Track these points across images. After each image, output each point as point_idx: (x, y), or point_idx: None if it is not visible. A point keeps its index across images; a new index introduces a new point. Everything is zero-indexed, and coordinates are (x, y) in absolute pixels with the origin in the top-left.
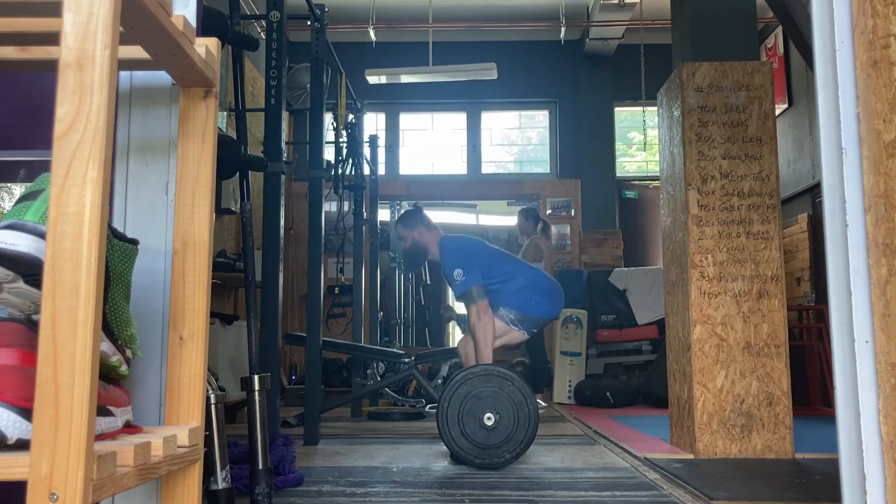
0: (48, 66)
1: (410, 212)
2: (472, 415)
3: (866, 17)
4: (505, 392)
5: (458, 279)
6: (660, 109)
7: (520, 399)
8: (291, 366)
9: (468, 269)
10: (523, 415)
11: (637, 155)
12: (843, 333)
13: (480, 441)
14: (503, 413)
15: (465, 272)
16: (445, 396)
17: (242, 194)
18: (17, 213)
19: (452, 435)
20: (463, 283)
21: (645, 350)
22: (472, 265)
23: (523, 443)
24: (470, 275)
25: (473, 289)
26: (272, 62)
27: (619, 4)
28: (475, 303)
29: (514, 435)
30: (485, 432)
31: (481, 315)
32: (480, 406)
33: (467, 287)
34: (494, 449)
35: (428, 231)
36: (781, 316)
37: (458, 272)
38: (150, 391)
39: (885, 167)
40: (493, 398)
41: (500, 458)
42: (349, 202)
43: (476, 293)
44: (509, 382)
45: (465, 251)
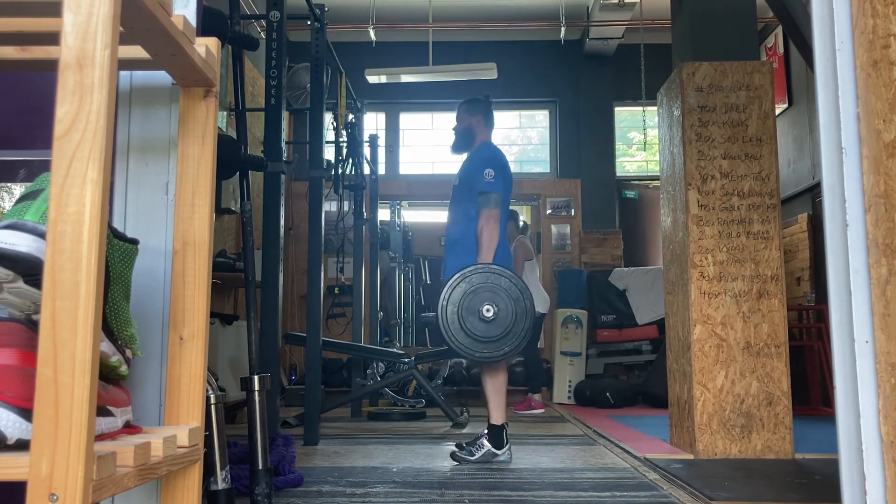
0: (48, 66)
1: (479, 99)
2: (471, 309)
3: (866, 17)
4: (502, 287)
5: (487, 178)
6: (660, 109)
7: (517, 294)
8: (291, 366)
9: (499, 177)
10: (521, 309)
11: (637, 155)
12: (843, 333)
13: (480, 334)
14: (501, 306)
15: (497, 177)
16: (444, 295)
17: (242, 194)
18: (17, 212)
19: (453, 331)
20: (491, 184)
21: (645, 350)
22: (503, 178)
23: (521, 336)
24: (498, 181)
25: (495, 195)
26: (272, 62)
27: (619, 4)
28: (490, 207)
29: (512, 328)
30: (484, 325)
31: (491, 220)
32: (479, 300)
33: (493, 189)
34: (495, 342)
35: (485, 125)
36: (781, 316)
37: (489, 171)
38: (150, 391)
39: (885, 167)
40: (492, 292)
41: (500, 350)
42: (349, 202)
43: (495, 200)
44: (506, 278)
45: (504, 166)
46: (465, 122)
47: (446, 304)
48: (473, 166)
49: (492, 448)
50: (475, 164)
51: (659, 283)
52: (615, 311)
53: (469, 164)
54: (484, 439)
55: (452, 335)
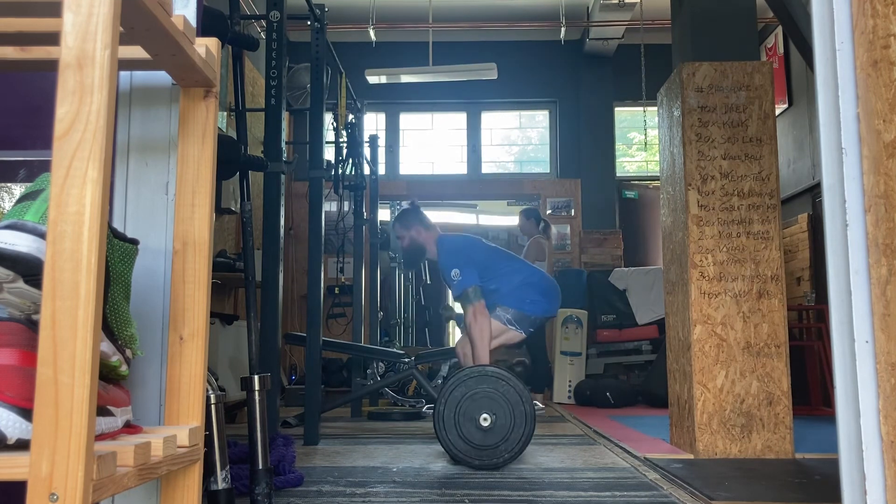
0: (48, 66)
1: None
2: (468, 416)
3: (866, 17)
4: (500, 392)
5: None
6: (660, 109)
7: (515, 398)
8: (291, 366)
9: (465, 268)
10: (519, 413)
11: (637, 155)
12: (843, 333)
13: (478, 442)
14: (499, 413)
15: (462, 272)
16: (441, 399)
17: (242, 194)
18: (17, 213)
19: (450, 438)
20: (459, 284)
21: (645, 350)
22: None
23: (521, 442)
24: (466, 275)
25: (470, 289)
26: (272, 62)
27: (619, 4)
28: (471, 303)
29: (511, 434)
30: (481, 433)
31: (477, 316)
32: (476, 407)
33: (464, 287)
34: (492, 449)
35: (425, 230)
36: (781, 316)
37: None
38: (150, 391)
39: (885, 167)
40: (489, 399)
41: (499, 458)
42: (349, 202)
43: (472, 293)
44: (504, 382)
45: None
46: (407, 238)
47: (443, 409)
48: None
49: None
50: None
51: (659, 283)
52: (615, 311)
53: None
54: None
55: (450, 442)
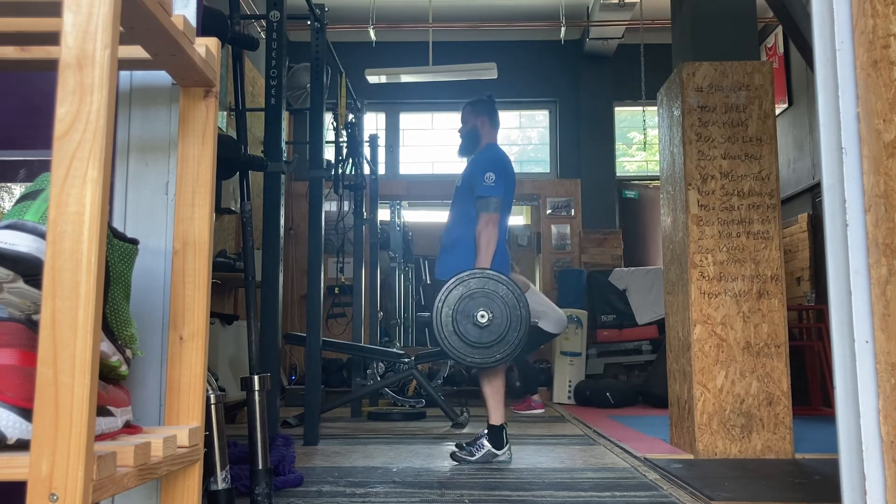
0: (48, 66)
1: (483, 100)
2: (465, 314)
3: (866, 17)
4: (499, 293)
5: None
6: (660, 109)
7: (513, 302)
8: (291, 366)
9: (500, 181)
10: (516, 317)
11: (637, 155)
12: (843, 333)
13: (473, 339)
14: (496, 312)
15: (497, 181)
16: (440, 297)
17: (242, 194)
18: (17, 212)
19: (446, 334)
20: (491, 188)
21: (645, 350)
22: (504, 181)
23: (515, 344)
24: (499, 185)
25: (495, 198)
26: (272, 62)
27: (619, 4)
28: (489, 211)
29: (506, 335)
30: (478, 330)
31: (490, 224)
32: (474, 305)
33: (493, 193)
34: (486, 348)
35: (490, 126)
36: (781, 316)
37: (490, 175)
38: (150, 391)
39: (885, 167)
40: (487, 298)
41: (492, 356)
42: (349, 202)
43: (494, 204)
44: (504, 285)
45: (507, 168)
46: (470, 124)
47: (441, 306)
48: (476, 168)
49: (492, 448)
50: (478, 167)
51: (659, 283)
52: (615, 311)
53: (472, 165)
54: (484, 439)
55: (445, 338)
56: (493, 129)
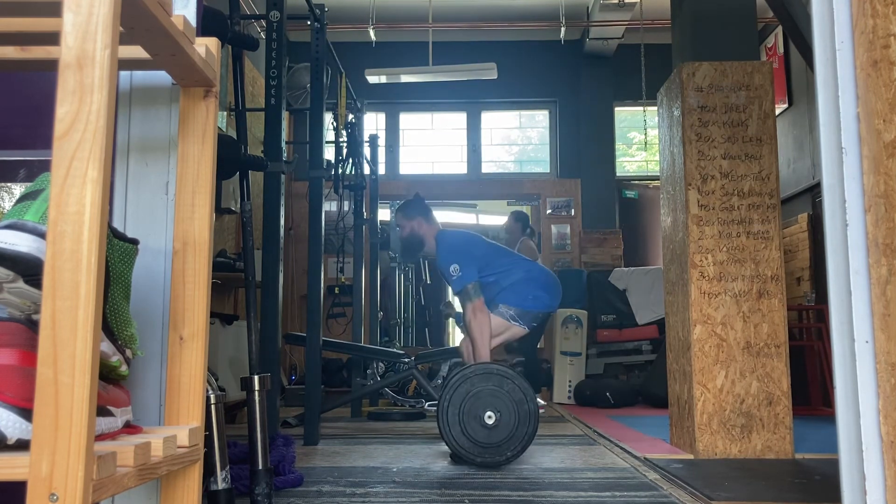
0: (48, 66)
1: (411, 201)
2: (472, 414)
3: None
4: (505, 390)
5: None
6: (660, 109)
7: (520, 396)
8: (291, 366)
9: (464, 265)
10: (524, 412)
11: (637, 155)
12: (843, 333)
13: (482, 440)
14: (504, 411)
15: (462, 268)
16: (445, 396)
17: (242, 194)
18: (17, 212)
19: (453, 434)
20: (459, 280)
21: (645, 350)
22: (468, 261)
23: (525, 440)
24: (466, 271)
25: (469, 286)
26: (272, 62)
27: (619, 4)
28: (471, 300)
29: (515, 432)
30: (486, 431)
31: (477, 313)
32: (480, 405)
33: (463, 284)
34: (496, 448)
35: (427, 223)
36: (781, 316)
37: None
38: (150, 391)
39: (885, 167)
40: (493, 396)
41: (502, 455)
42: (349, 202)
43: (472, 290)
44: (509, 381)
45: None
46: (407, 229)
47: (447, 405)
48: (441, 267)
49: None
50: (441, 266)
51: (659, 283)
52: (615, 311)
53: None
54: None
55: (454, 439)
56: (430, 223)
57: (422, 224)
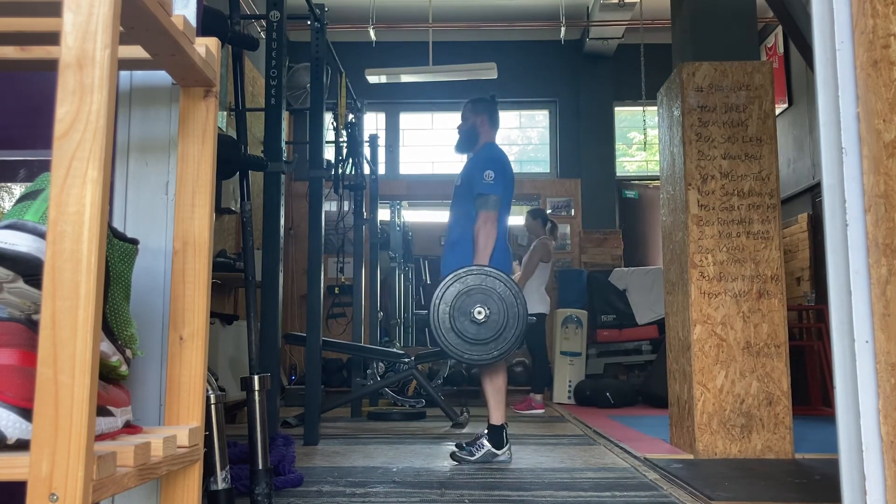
0: (48, 66)
1: (484, 99)
2: (462, 310)
3: (866, 17)
4: (496, 290)
5: (487, 179)
6: (660, 109)
7: (511, 299)
8: (291, 366)
9: (499, 179)
10: (513, 314)
11: (637, 155)
12: (843, 333)
13: (470, 336)
14: (493, 309)
15: (497, 179)
16: (438, 293)
17: (242, 194)
18: (17, 212)
19: (443, 330)
20: (490, 186)
21: (645, 350)
22: (503, 180)
23: (511, 341)
24: (498, 183)
25: (493, 196)
26: (272, 62)
27: (619, 4)
28: (488, 209)
29: (503, 332)
30: (475, 327)
31: (488, 223)
32: (471, 302)
33: (492, 190)
34: (483, 344)
35: (490, 125)
36: (781, 316)
37: (489, 173)
38: (150, 391)
39: (885, 167)
40: (485, 294)
41: (489, 353)
42: (349, 202)
43: (493, 202)
44: (501, 282)
45: (505, 167)
46: (470, 122)
47: (439, 302)
48: (475, 167)
49: (492, 448)
50: (476, 165)
51: (659, 283)
52: (615, 311)
53: (471, 164)
54: (484, 439)
55: (442, 334)
56: (492, 128)
57: (485, 123)
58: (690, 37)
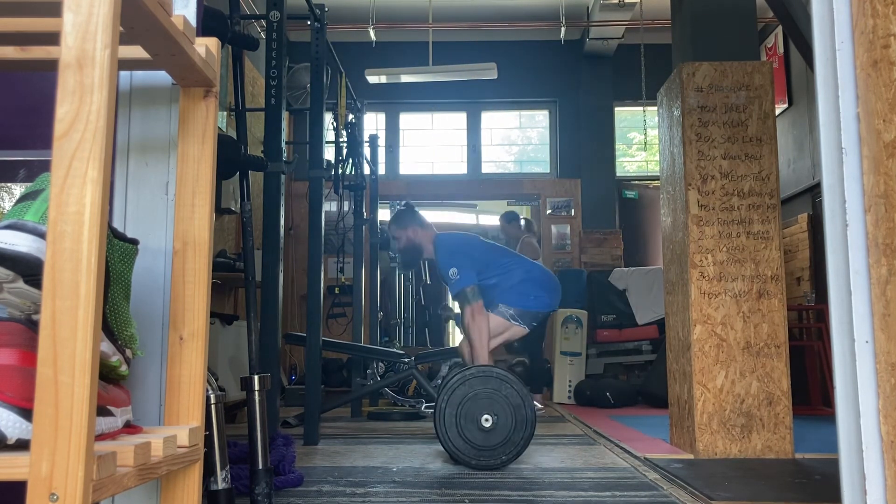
0: (48, 66)
1: (402, 211)
2: (469, 417)
3: (866, 17)
4: (503, 394)
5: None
6: (660, 109)
7: (518, 401)
8: (291, 366)
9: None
10: (521, 417)
11: (637, 155)
12: (843, 333)
13: (478, 443)
14: (501, 414)
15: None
16: (443, 398)
17: (242, 194)
18: (17, 212)
19: (450, 436)
20: (457, 283)
21: (645, 350)
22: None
23: (521, 444)
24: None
25: (468, 289)
26: (272, 62)
27: (619, 4)
28: (469, 303)
29: (511, 436)
30: (483, 434)
31: (475, 315)
32: (478, 408)
33: (461, 286)
34: (491, 450)
35: (422, 229)
36: (781, 316)
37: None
38: (150, 391)
39: (885, 167)
40: (491, 399)
41: (497, 459)
42: (349, 202)
43: (471, 293)
44: (507, 384)
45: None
46: (404, 239)
47: (445, 406)
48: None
49: None
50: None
51: (659, 283)
52: (615, 311)
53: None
54: None
55: (450, 441)
56: (425, 228)
57: (417, 231)
58: (690, 37)
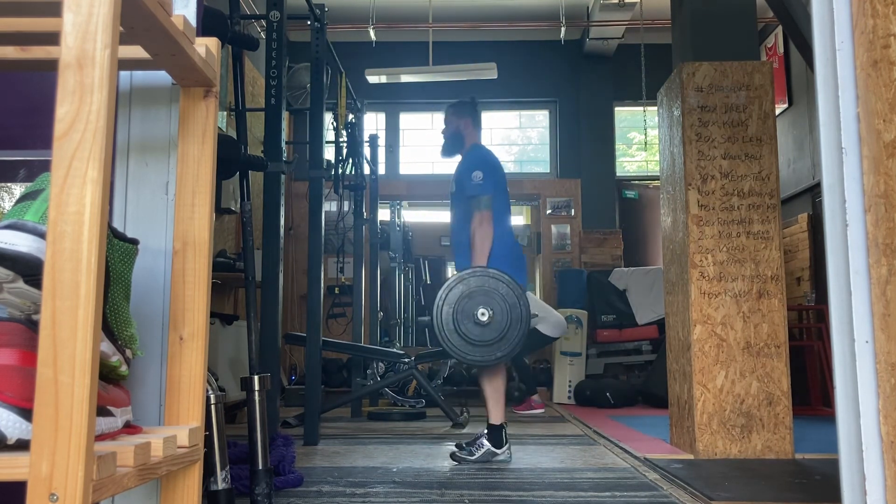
0: (48, 66)
1: (466, 102)
2: (466, 313)
3: (866, 17)
4: (500, 292)
5: (476, 180)
6: (660, 109)
7: (513, 300)
8: (291, 366)
9: (488, 178)
10: (516, 315)
11: (637, 155)
12: (843, 333)
13: (474, 337)
14: (496, 310)
15: (485, 178)
16: (441, 295)
17: (242, 194)
18: (17, 212)
19: (446, 331)
20: (479, 186)
21: (645, 350)
22: (493, 178)
23: (514, 342)
24: (487, 183)
25: (485, 197)
26: (272, 62)
27: (619, 4)
28: (481, 209)
29: (506, 333)
30: (479, 329)
31: (484, 223)
32: (475, 304)
33: (482, 191)
34: (487, 346)
35: (473, 127)
36: (781, 316)
37: (477, 174)
38: (150, 391)
39: (885, 167)
40: (487, 296)
41: (492, 355)
42: (349, 202)
43: (485, 202)
44: (504, 284)
45: (494, 165)
46: (453, 126)
47: (442, 304)
48: (463, 170)
49: (491, 448)
50: (464, 168)
51: (659, 283)
52: (615, 311)
53: (460, 168)
54: (483, 439)
55: (446, 336)
56: (476, 130)
57: (468, 125)
58: (690, 37)
